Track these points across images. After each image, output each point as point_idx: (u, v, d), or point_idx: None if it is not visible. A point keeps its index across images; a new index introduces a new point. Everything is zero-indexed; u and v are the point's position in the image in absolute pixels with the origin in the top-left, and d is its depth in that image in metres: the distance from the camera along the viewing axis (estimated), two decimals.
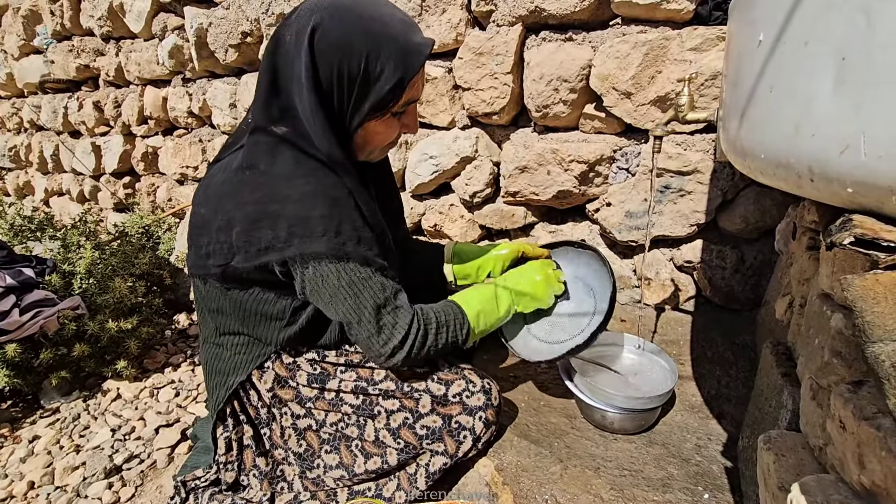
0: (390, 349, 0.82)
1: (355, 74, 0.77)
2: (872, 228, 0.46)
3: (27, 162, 3.73)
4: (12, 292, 1.42)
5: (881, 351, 0.40)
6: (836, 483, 0.48)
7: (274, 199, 0.77)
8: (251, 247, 0.79)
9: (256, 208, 0.78)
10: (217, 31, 2.08)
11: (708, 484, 0.84)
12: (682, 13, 1.23)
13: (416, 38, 0.80)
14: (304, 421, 0.94)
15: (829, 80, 0.46)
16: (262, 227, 0.78)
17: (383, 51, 0.76)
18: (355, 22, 0.76)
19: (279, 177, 0.79)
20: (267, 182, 0.79)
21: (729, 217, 1.37)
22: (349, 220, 0.80)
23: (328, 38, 0.75)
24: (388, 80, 0.78)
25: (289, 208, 0.77)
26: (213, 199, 0.84)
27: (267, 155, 0.81)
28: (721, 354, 1.22)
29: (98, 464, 1.22)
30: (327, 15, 0.76)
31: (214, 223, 0.83)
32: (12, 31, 3.21)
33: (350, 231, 0.79)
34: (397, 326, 0.82)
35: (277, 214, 0.77)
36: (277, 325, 0.91)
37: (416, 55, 0.79)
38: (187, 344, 1.87)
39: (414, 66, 0.79)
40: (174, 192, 2.78)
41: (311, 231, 0.77)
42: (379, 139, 0.87)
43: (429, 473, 0.88)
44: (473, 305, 0.91)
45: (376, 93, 0.79)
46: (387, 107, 0.82)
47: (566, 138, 1.49)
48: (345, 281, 0.80)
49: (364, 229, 0.82)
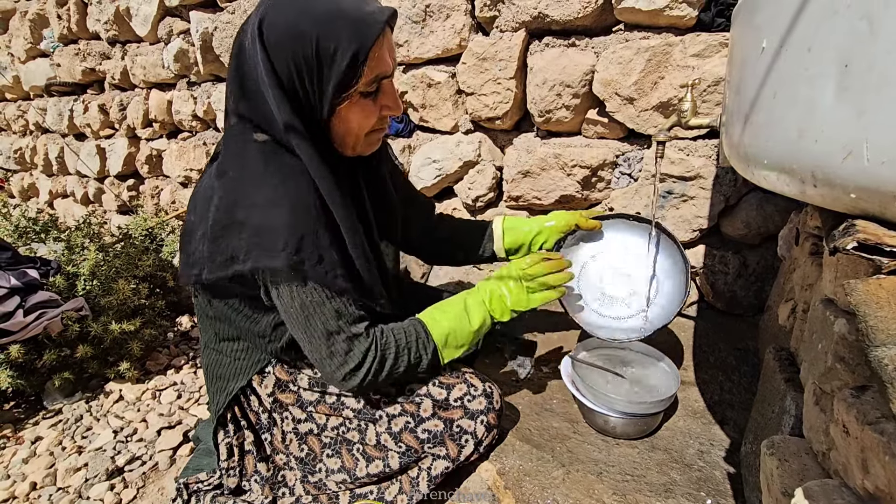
0: (343, 374, 0.81)
1: (311, 59, 0.73)
2: (875, 234, 0.46)
3: (32, 164, 3.75)
4: (16, 293, 1.42)
5: (884, 355, 0.40)
6: (839, 488, 0.48)
7: (241, 205, 0.75)
8: (216, 256, 0.76)
9: (224, 215, 0.75)
10: (222, 35, 2.10)
11: (711, 489, 0.84)
12: (684, 19, 1.23)
13: (370, 8, 0.74)
14: (305, 425, 0.94)
15: (832, 86, 0.47)
16: (228, 235, 0.75)
17: (334, 27, 0.72)
18: (299, 5, 0.73)
19: (249, 182, 0.76)
20: (236, 188, 0.76)
21: (731, 222, 1.37)
22: (312, 234, 0.75)
23: (276, 29, 0.72)
24: (343, 55, 0.73)
25: (254, 215, 0.74)
26: (197, 206, 0.82)
27: (239, 159, 0.78)
28: (724, 360, 1.22)
29: (100, 465, 1.22)
30: (271, 6, 0.73)
31: (197, 233, 0.80)
32: (19, 34, 3.24)
33: (311, 248, 0.75)
34: (351, 354, 0.80)
35: (242, 222, 0.74)
36: (262, 341, 0.90)
37: (371, 24, 0.73)
38: (189, 346, 1.87)
39: (369, 36, 0.73)
40: (178, 194, 2.79)
41: (272, 243, 0.73)
42: (356, 125, 0.81)
43: (431, 477, 0.88)
44: (441, 323, 0.88)
45: (336, 72, 0.74)
46: (350, 85, 0.76)
47: (569, 143, 1.50)
48: (297, 302, 0.77)
49: (329, 248, 0.77)
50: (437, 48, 1.59)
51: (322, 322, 0.78)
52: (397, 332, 0.85)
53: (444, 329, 0.88)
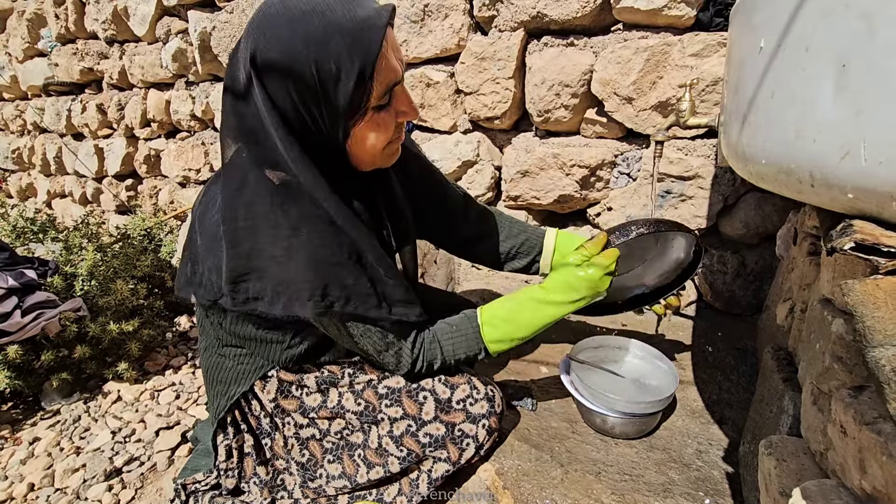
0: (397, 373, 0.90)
1: (313, 87, 0.67)
2: (873, 234, 0.46)
3: (30, 164, 3.75)
4: (14, 294, 1.42)
5: (882, 356, 0.40)
6: (837, 488, 0.48)
7: (259, 256, 0.72)
8: (238, 295, 0.74)
9: (242, 262, 0.72)
10: (220, 35, 2.09)
11: (709, 489, 0.84)
12: (683, 19, 1.23)
13: (363, 12, 0.66)
14: (307, 430, 0.94)
15: (830, 85, 0.47)
16: (248, 280, 0.73)
17: (331, 46, 0.65)
18: (289, 27, 0.65)
19: (263, 232, 0.72)
20: (249, 236, 0.72)
21: (730, 222, 1.37)
22: (337, 279, 0.73)
23: (269, 61, 0.66)
24: (349, 75, 0.66)
25: (274, 268, 0.72)
26: (205, 236, 0.78)
27: (249, 207, 0.73)
28: (722, 359, 1.22)
29: (98, 466, 1.22)
30: (259, 34, 0.66)
31: (206, 262, 0.77)
32: (17, 34, 3.23)
33: (337, 292, 0.74)
34: (401, 364, 0.87)
35: (262, 273, 0.72)
36: (279, 347, 0.89)
37: (370, 31, 0.66)
38: (188, 346, 1.87)
39: (372, 47, 0.66)
40: (176, 194, 2.79)
41: (297, 294, 0.72)
42: (374, 141, 0.76)
43: (431, 479, 0.88)
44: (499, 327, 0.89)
45: (343, 95, 0.68)
46: (362, 104, 0.70)
47: (567, 143, 1.50)
48: (344, 331, 0.81)
49: (356, 284, 0.75)
50: (436, 48, 1.58)
51: (371, 343, 0.83)
52: (445, 338, 0.89)
53: (498, 335, 0.89)
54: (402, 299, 0.82)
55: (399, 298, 0.81)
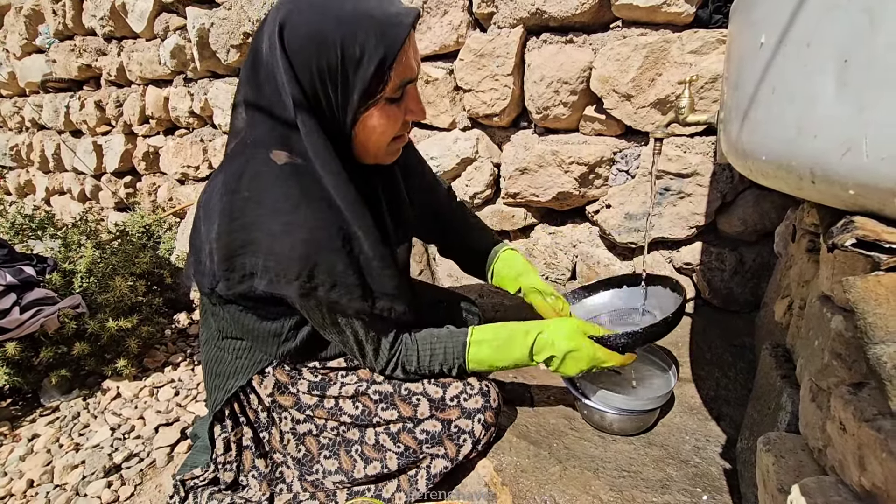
0: (374, 369, 0.91)
1: (335, 66, 0.69)
2: (874, 230, 0.46)
3: (28, 161, 3.73)
4: (13, 290, 1.42)
5: (883, 352, 0.40)
6: (836, 485, 0.48)
7: (258, 229, 0.73)
8: (233, 274, 0.75)
9: (240, 236, 0.74)
10: (219, 31, 2.08)
11: (707, 485, 0.84)
12: (682, 16, 1.23)
13: (394, 9, 0.71)
14: (303, 426, 0.94)
15: (832, 81, 0.46)
16: (244, 254, 0.74)
17: (359, 30, 0.68)
18: (322, 5, 0.69)
19: (265, 206, 0.74)
20: (252, 210, 0.74)
21: (728, 219, 1.37)
22: (327, 263, 0.74)
23: (298, 33, 0.69)
24: (370, 60, 0.69)
25: (270, 242, 0.73)
26: (210, 218, 0.79)
27: (255, 181, 0.75)
28: (720, 356, 1.22)
29: (97, 462, 1.22)
30: (293, 7, 0.69)
31: (206, 247, 0.79)
32: (14, 30, 3.22)
33: (324, 275, 0.75)
34: (378, 360, 0.89)
35: (258, 246, 0.73)
36: (276, 340, 0.90)
37: (398, 27, 0.69)
38: (187, 343, 1.87)
39: (397, 40, 0.69)
40: (175, 191, 2.78)
41: (284, 272, 0.73)
42: (381, 133, 0.78)
43: (429, 476, 0.88)
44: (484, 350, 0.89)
45: (361, 79, 0.70)
46: (376, 91, 0.73)
47: (566, 140, 1.49)
48: (328, 319, 0.82)
49: (344, 273, 0.76)
50: (435, 44, 1.58)
51: (351, 334, 0.84)
52: (423, 346, 0.89)
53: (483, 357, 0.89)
54: (389, 292, 0.82)
55: (387, 291, 0.82)
